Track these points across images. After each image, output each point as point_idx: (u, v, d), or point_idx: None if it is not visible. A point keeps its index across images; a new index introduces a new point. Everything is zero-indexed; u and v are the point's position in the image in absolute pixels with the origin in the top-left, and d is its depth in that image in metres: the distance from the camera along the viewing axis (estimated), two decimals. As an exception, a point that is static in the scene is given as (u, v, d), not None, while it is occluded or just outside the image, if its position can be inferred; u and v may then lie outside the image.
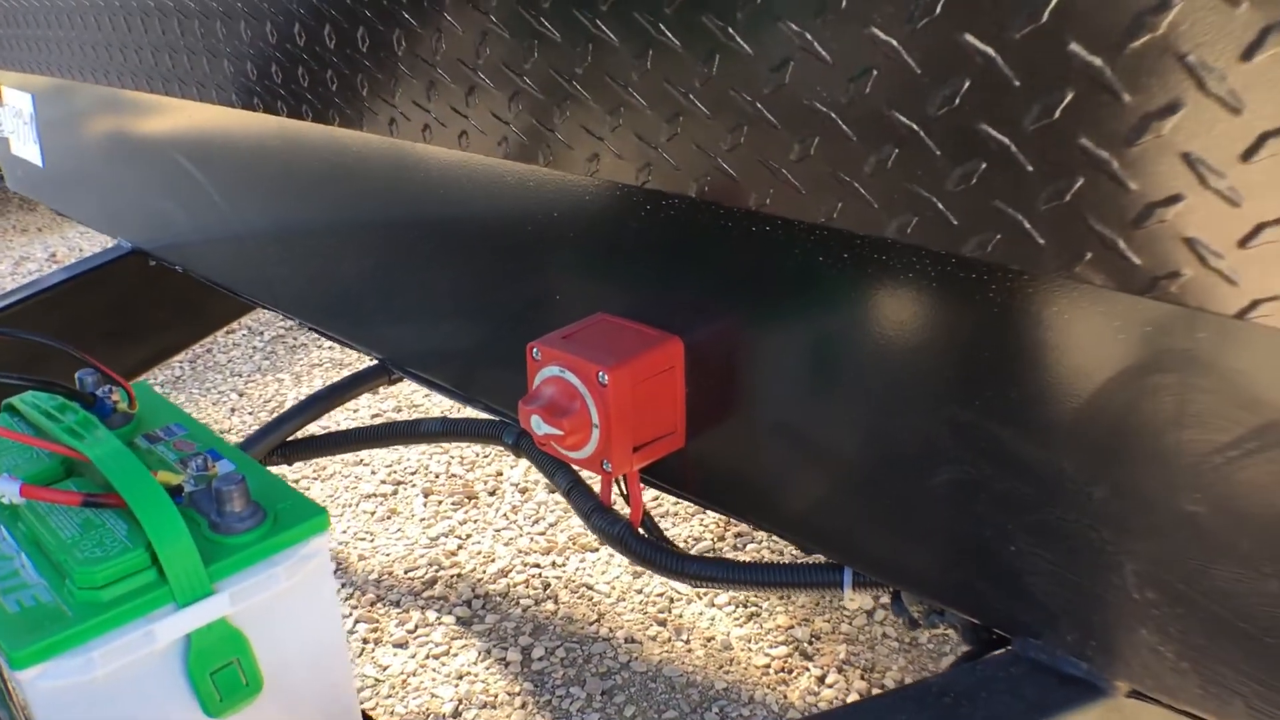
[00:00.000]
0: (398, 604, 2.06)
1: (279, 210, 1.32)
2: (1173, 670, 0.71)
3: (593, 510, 1.01)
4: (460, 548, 2.20)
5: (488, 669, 1.89)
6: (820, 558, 0.93)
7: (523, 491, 2.36)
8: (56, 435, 0.87)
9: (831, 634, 1.94)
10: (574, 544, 2.19)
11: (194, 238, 1.54)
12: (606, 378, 0.87)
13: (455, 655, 1.93)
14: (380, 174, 1.14)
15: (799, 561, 0.94)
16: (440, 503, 2.35)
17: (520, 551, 2.17)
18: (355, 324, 1.30)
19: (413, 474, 2.47)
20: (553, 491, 2.35)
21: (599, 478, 1.00)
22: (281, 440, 1.26)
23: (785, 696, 1.77)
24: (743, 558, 2.13)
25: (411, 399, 2.82)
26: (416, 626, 2.00)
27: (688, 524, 2.23)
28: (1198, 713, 0.73)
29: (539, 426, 0.90)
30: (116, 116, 1.62)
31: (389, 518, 2.32)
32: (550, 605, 2.03)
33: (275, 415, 1.37)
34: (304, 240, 1.30)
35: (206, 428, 1.00)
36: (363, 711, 0.96)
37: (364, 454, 2.56)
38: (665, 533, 0.99)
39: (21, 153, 1.98)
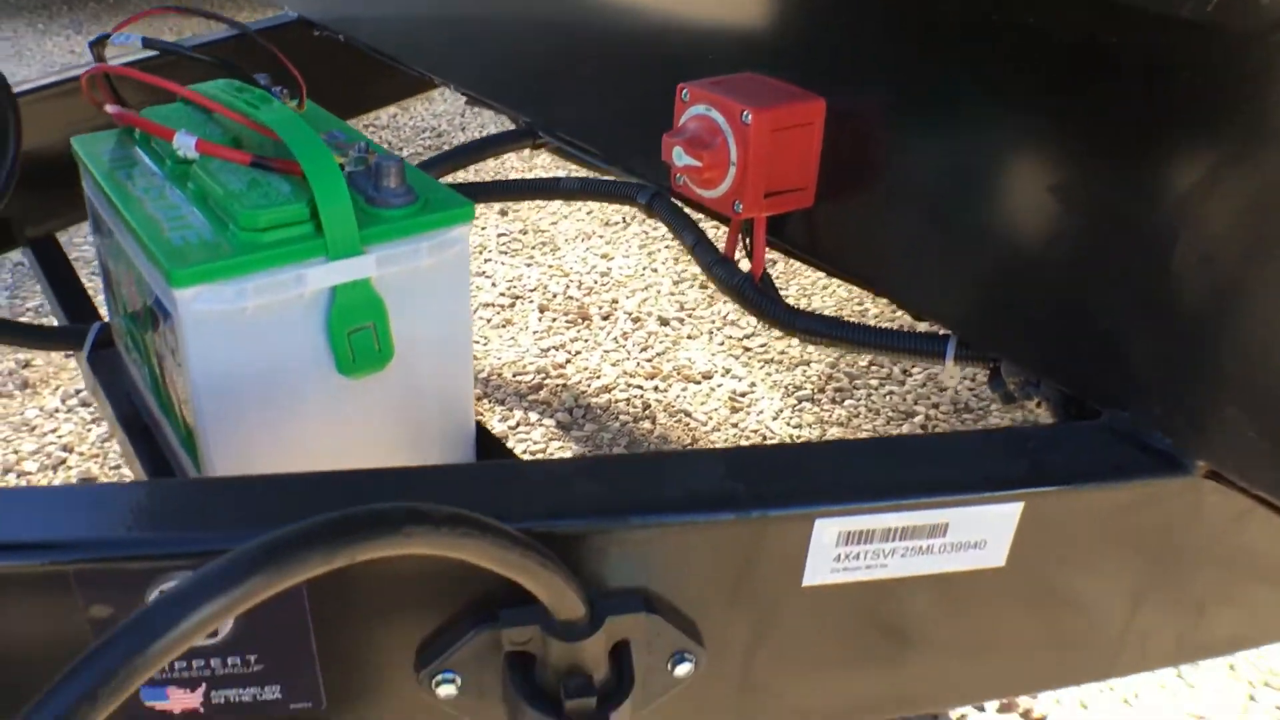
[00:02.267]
0: (503, 402, 2.14)
1: None
2: (1254, 454, 0.72)
3: (715, 263, 1.04)
4: (568, 361, 2.27)
5: (581, 469, 1.96)
6: (927, 328, 0.96)
7: (635, 320, 2.41)
8: (236, 105, 0.93)
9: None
10: (678, 374, 2.24)
11: (358, 8, 1.60)
12: (750, 117, 0.90)
13: (551, 454, 2.00)
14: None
15: (909, 329, 0.96)
16: (554, 320, 2.42)
17: (625, 373, 2.23)
18: (506, 89, 1.34)
19: (531, 290, 2.54)
20: (665, 322, 2.39)
21: (724, 237, 1.04)
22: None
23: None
24: (839, 412, 2.16)
25: (538, 224, 2.88)
26: (518, 424, 2.08)
27: (790, 373, 2.26)
28: (1272, 499, 0.74)
29: (680, 158, 0.93)
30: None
31: (504, 326, 2.40)
32: (647, 424, 2.09)
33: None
34: (463, 7, 1.34)
35: (361, 135, 1.05)
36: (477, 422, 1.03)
37: (486, 267, 2.64)
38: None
39: None
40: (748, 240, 1.03)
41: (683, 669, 0.68)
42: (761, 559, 0.68)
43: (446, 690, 0.65)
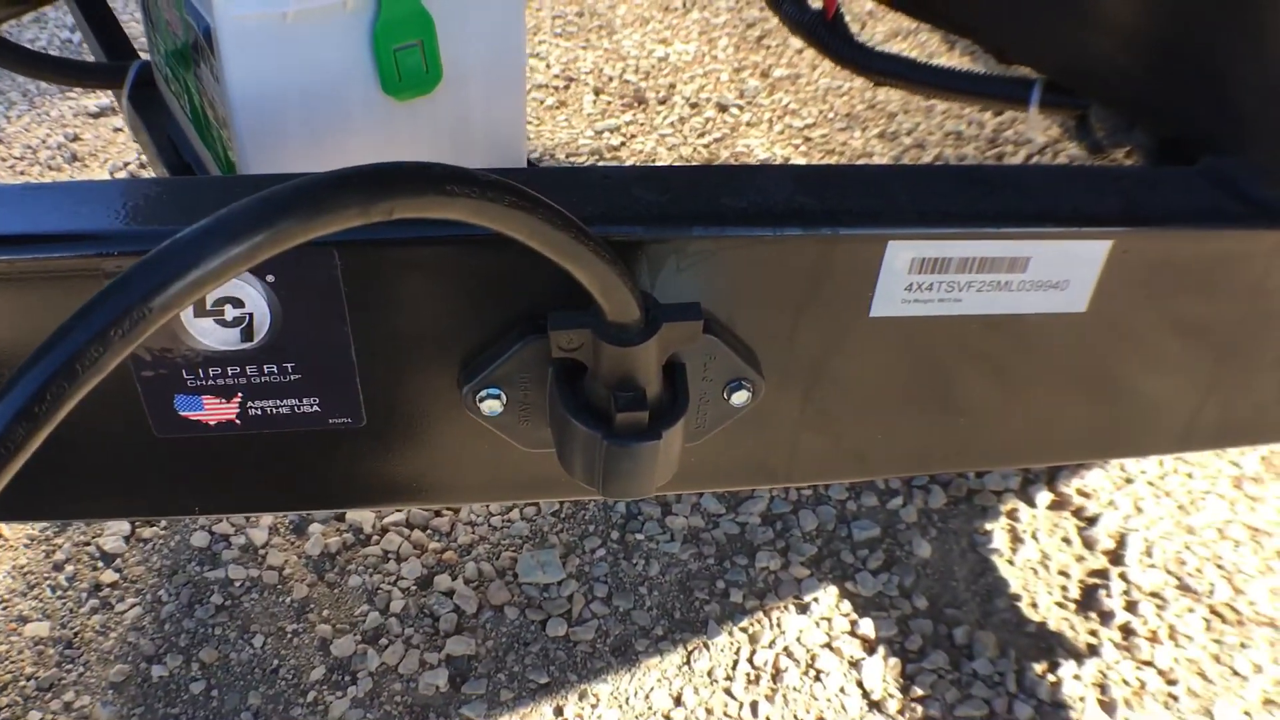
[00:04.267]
0: (555, 183, 2.08)
1: None
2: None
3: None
4: (624, 144, 2.20)
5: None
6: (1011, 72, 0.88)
7: (693, 106, 2.32)
8: None
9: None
10: (735, 161, 2.16)
11: None
12: None
13: (603, 235, 1.96)
14: None
15: (990, 73, 0.89)
16: (610, 103, 2.34)
17: (681, 158, 2.16)
18: None
19: (586, 73, 2.44)
20: (723, 109, 2.30)
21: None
22: None
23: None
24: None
25: (594, 6, 2.76)
26: (570, 205, 2.03)
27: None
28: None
29: None
30: None
31: (558, 108, 2.32)
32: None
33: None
34: None
35: None
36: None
37: (540, 48, 2.54)
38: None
39: None
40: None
41: (739, 397, 0.65)
42: (827, 283, 0.64)
43: (491, 405, 0.62)
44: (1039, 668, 1.38)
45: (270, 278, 0.58)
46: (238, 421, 0.68)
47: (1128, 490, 1.58)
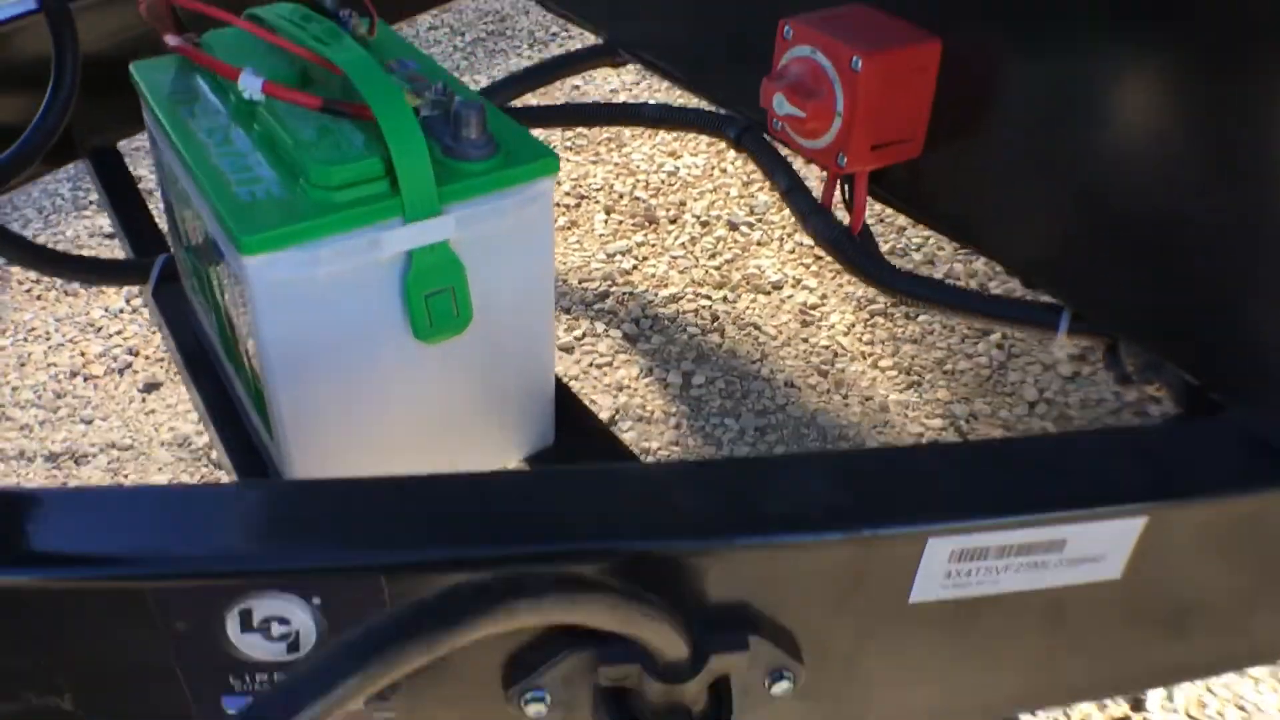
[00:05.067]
0: (568, 311, 2.10)
1: None
2: None
3: (811, 212, 0.97)
4: (635, 268, 2.21)
5: (647, 386, 1.93)
6: (1039, 296, 0.89)
7: (704, 225, 2.34)
8: (303, 40, 0.86)
9: (990, 417, 1.90)
10: (747, 283, 2.17)
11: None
12: (861, 64, 0.82)
13: (618, 368, 1.97)
14: None
15: (1017, 296, 0.90)
16: (621, 223, 2.35)
17: (693, 281, 2.17)
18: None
19: (597, 190, 2.46)
20: (734, 227, 2.32)
21: (820, 184, 0.97)
22: (501, 104, 1.25)
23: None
24: (912, 328, 2.09)
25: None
26: (584, 335, 2.04)
27: (863, 285, 2.18)
28: None
29: (780, 106, 0.86)
30: None
31: (570, 228, 2.34)
32: (716, 338, 2.04)
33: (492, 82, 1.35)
34: None
35: (440, 66, 0.99)
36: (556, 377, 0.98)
37: (550, 165, 2.56)
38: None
39: None
40: (846, 188, 0.96)
41: (780, 687, 0.65)
42: (868, 577, 0.64)
43: (536, 709, 0.62)
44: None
45: (316, 600, 0.59)
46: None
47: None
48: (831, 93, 0.84)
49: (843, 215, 0.99)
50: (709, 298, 2.14)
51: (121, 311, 2.12)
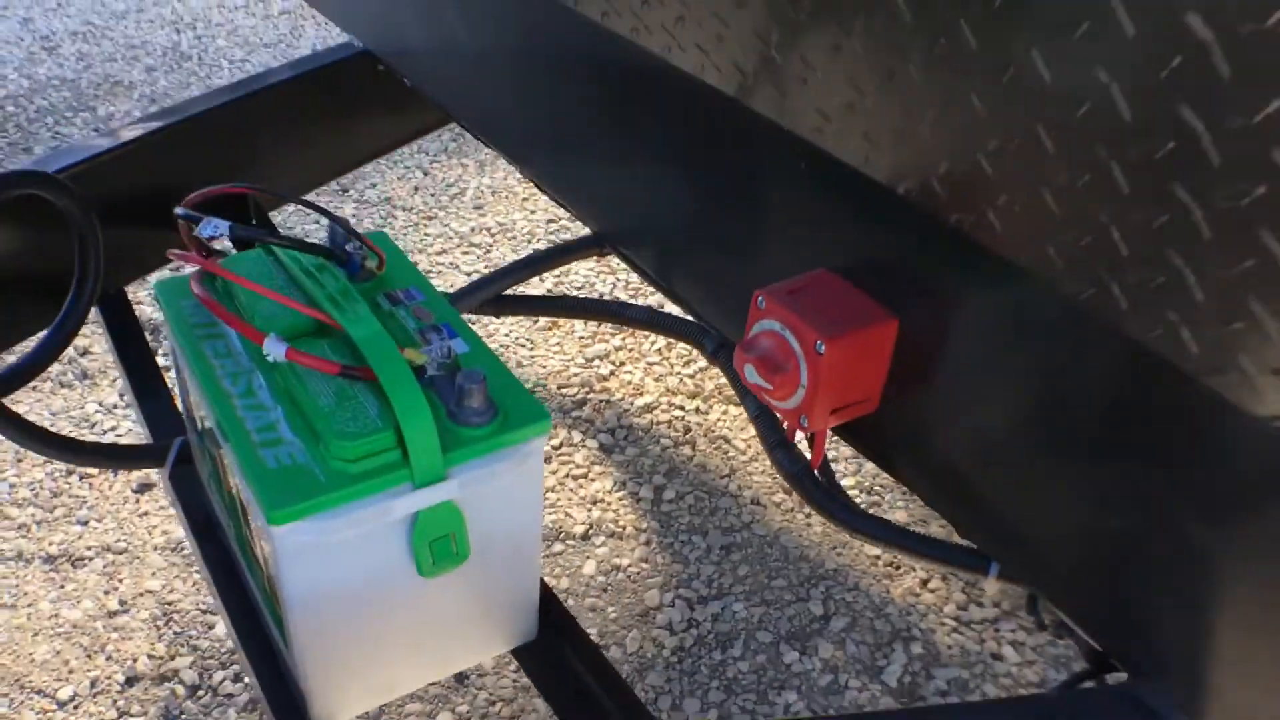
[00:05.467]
0: (547, 418, 2.19)
1: (518, 57, 1.35)
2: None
3: (777, 445, 1.08)
4: (613, 373, 2.31)
5: (620, 500, 2.03)
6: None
7: (678, 331, 2.44)
8: (321, 303, 0.95)
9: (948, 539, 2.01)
10: (719, 393, 2.27)
11: (429, 58, 1.59)
12: (824, 349, 0.92)
13: (593, 480, 2.06)
14: (619, 50, 1.15)
15: (957, 542, 1.00)
16: (599, 325, 2.45)
17: (668, 390, 2.27)
18: (575, 190, 1.35)
19: (578, 290, 2.56)
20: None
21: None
22: (495, 294, 1.34)
23: (888, 590, 1.87)
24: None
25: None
26: (562, 444, 2.13)
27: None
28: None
29: (751, 375, 0.96)
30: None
31: (550, 329, 2.43)
32: (687, 450, 2.14)
33: (487, 272, 1.45)
34: (535, 90, 1.33)
35: (439, 295, 1.08)
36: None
37: (533, 258, 2.66)
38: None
39: None
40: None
41: None
42: None
43: None
44: None
45: None
46: None
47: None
48: (797, 368, 0.94)
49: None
50: (682, 408, 2.24)
51: (115, 407, 2.19)
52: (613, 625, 1.81)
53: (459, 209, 2.89)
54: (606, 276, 2.59)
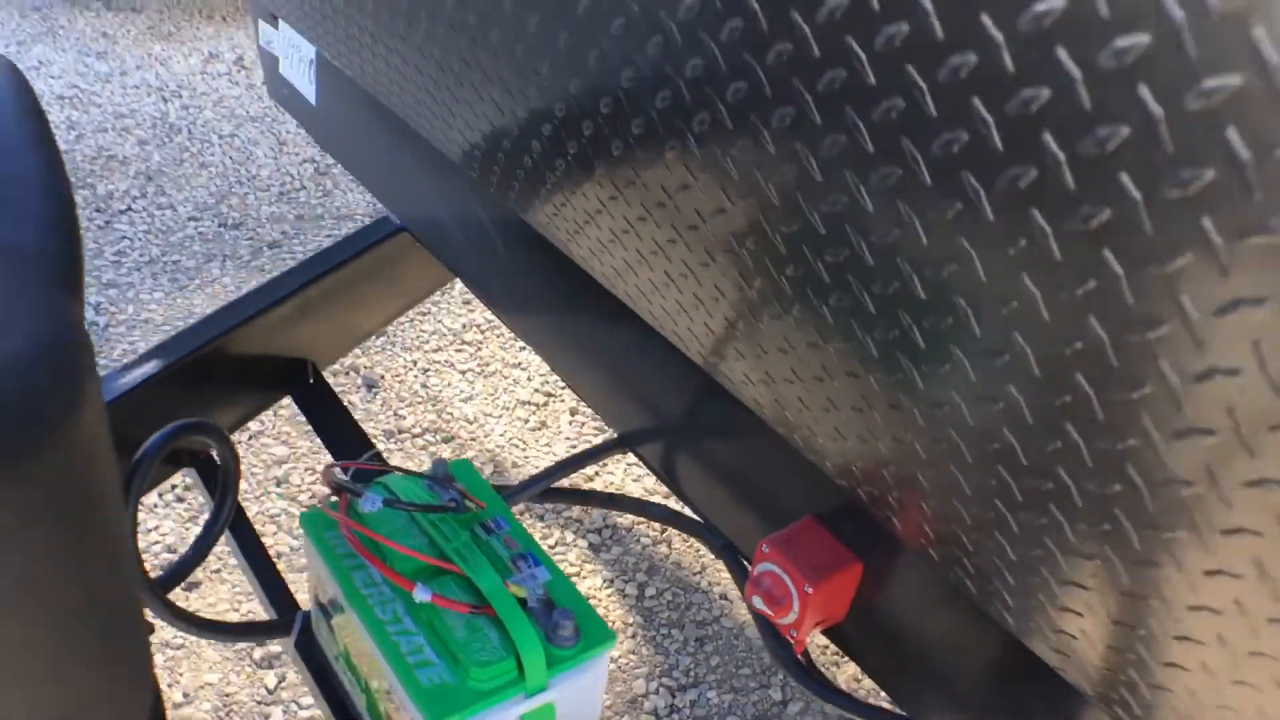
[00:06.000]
0: (542, 518, 2.55)
1: (547, 269, 1.67)
2: None
3: (769, 634, 1.46)
4: (597, 474, 2.68)
5: (609, 596, 2.40)
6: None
7: (652, 434, 2.82)
8: (451, 557, 1.31)
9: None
10: (688, 495, 2.66)
11: (471, 262, 1.91)
12: (810, 590, 1.31)
13: (584, 579, 2.43)
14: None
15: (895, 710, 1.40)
16: (584, 424, 2.81)
17: (646, 491, 2.65)
18: (598, 396, 1.71)
19: (562, 388, 2.92)
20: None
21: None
22: (541, 491, 1.70)
23: (835, 678, 2.28)
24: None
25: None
26: (556, 544, 2.50)
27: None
28: None
29: (757, 604, 1.34)
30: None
31: (540, 429, 2.79)
32: (664, 549, 2.52)
33: (537, 472, 1.80)
34: (558, 306, 1.66)
35: (518, 522, 1.44)
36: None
37: (521, 356, 3.01)
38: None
39: (292, 78, 2.02)
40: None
41: None
42: None
43: None
44: None
45: None
46: None
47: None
48: (790, 599, 1.33)
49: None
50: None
51: (156, 506, 2.50)
52: (609, 712, 2.18)
53: (449, 304, 3.22)
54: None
